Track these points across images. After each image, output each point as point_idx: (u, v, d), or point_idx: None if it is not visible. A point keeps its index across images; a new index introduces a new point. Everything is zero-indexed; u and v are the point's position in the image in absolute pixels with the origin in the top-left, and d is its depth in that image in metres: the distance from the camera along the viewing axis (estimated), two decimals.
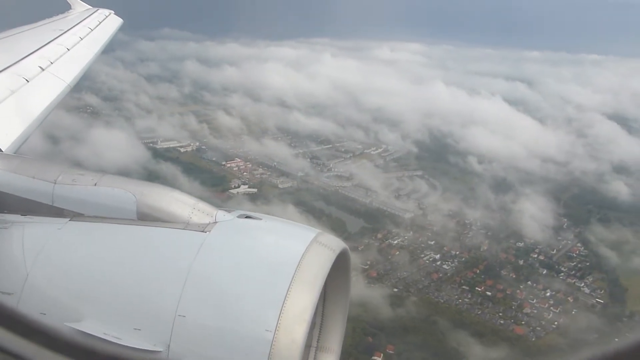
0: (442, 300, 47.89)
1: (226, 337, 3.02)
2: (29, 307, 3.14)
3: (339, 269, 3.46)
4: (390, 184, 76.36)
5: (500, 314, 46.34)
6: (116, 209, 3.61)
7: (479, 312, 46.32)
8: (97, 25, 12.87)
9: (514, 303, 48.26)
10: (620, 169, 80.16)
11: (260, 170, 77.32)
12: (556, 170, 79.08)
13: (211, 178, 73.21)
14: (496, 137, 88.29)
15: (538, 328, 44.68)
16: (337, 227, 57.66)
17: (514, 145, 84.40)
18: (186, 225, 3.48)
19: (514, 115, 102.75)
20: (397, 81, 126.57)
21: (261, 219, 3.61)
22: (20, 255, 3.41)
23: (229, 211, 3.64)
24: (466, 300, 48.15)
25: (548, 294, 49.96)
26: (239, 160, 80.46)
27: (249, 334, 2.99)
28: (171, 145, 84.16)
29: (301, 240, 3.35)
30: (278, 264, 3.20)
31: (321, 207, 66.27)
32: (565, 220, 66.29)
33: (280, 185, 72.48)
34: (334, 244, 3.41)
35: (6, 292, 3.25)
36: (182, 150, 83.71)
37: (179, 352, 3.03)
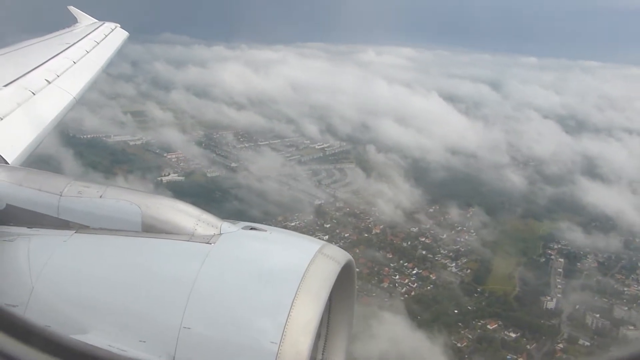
0: None
1: (231, 348, 3.04)
2: (34, 319, 3.05)
3: (344, 280, 3.49)
4: (318, 174, 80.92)
5: (358, 287, 49.79)
6: (121, 221, 3.65)
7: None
8: (103, 39, 13.01)
9: (375, 278, 51.81)
10: (533, 164, 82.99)
11: (197, 161, 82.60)
12: (467, 162, 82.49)
13: (148, 167, 78.38)
14: (423, 132, 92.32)
15: (386, 300, 48.15)
16: (238, 212, 61.88)
17: (434, 140, 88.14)
18: (191, 236, 3.52)
19: (444, 112, 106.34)
20: (356, 83, 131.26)
21: (266, 231, 3.65)
22: (26, 268, 3.42)
23: (233, 223, 3.68)
24: None
25: (414, 272, 53.39)
26: (180, 152, 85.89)
27: (253, 345, 2.99)
28: (122, 139, 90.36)
29: (306, 251, 3.37)
30: (283, 275, 3.21)
31: (236, 193, 70.90)
32: (472, 209, 69.51)
33: (208, 175, 77.68)
34: (339, 256, 3.43)
35: (11, 304, 3.25)
36: (131, 143, 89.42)
37: None
